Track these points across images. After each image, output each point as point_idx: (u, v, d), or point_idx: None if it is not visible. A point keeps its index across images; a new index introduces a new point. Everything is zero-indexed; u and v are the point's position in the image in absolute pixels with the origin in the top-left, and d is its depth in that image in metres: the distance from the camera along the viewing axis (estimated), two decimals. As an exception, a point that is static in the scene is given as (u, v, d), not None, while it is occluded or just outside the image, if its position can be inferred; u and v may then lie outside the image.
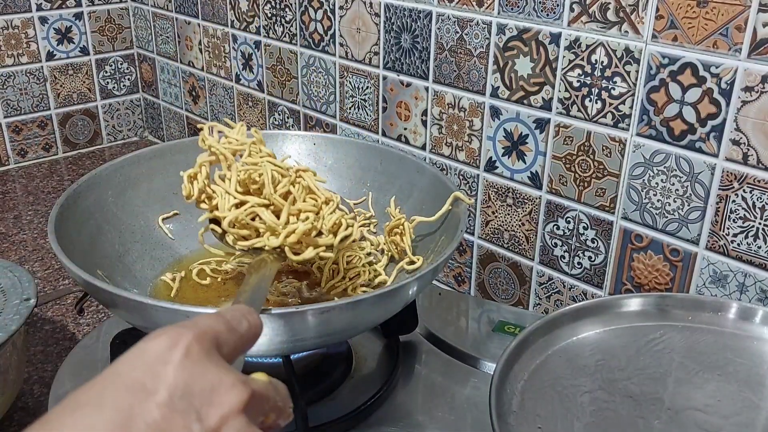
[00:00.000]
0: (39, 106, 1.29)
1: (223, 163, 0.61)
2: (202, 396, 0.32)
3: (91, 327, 0.83)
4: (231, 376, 0.33)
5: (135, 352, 0.33)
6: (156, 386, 0.31)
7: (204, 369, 0.33)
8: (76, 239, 0.66)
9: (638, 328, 0.63)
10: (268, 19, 1.05)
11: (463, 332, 0.80)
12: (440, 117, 0.87)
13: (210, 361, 0.33)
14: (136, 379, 0.31)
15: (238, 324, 0.37)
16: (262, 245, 0.58)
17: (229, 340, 0.36)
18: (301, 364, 0.69)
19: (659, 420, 0.54)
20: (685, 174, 0.67)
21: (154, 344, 0.33)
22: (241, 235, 0.59)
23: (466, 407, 0.68)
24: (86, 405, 0.31)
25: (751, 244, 0.65)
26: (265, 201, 0.59)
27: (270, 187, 0.59)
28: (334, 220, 0.61)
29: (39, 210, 1.13)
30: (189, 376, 0.32)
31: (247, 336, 0.38)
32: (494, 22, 0.77)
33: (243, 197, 0.59)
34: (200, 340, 0.34)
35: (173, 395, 0.31)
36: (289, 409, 0.38)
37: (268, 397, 0.36)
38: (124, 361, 0.33)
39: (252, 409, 0.34)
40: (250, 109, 1.16)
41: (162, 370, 0.32)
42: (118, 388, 0.31)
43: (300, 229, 0.58)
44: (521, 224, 0.83)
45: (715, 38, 0.62)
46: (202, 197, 0.61)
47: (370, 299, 0.56)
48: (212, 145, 0.61)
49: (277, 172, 0.60)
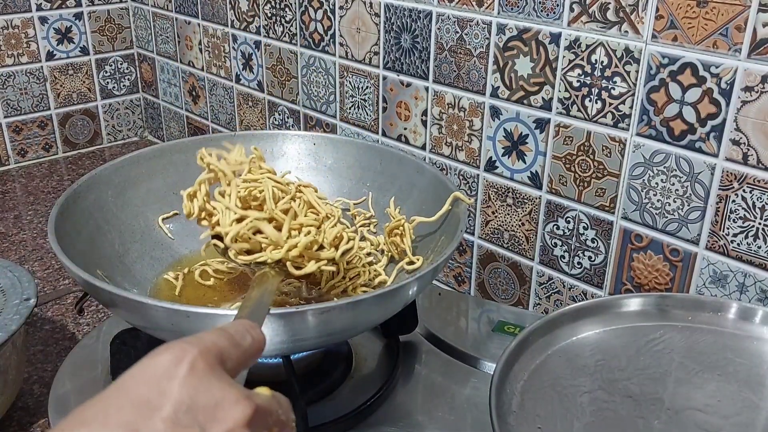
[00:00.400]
0: (39, 106, 1.29)
1: (223, 180, 0.61)
2: (206, 411, 0.32)
3: (91, 327, 0.83)
4: (235, 392, 0.34)
5: (139, 368, 0.33)
6: (161, 402, 0.31)
7: (208, 384, 0.33)
8: (76, 239, 0.66)
9: (638, 328, 0.63)
10: (268, 19, 1.05)
11: (463, 332, 0.80)
12: (440, 117, 0.87)
13: (214, 376, 0.34)
14: (140, 395, 0.32)
15: (242, 339, 0.38)
16: (265, 259, 0.59)
17: (232, 355, 0.36)
18: (301, 364, 0.69)
19: (659, 420, 0.54)
20: (685, 174, 0.67)
21: (159, 360, 0.33)
22: (244, 250, 0.60)
23: (466, 407, 0.68)
24: (92, 421, 0.31)
25: (751, 244, 0.65)
26: (267, 215, 0.59)
27: (271, 203, 0.59)
28: (336, 233, 0.62)
29: (39, 210, 1.13)
30: (194, 392, 0.32)
31: (250, 351, 0.38)
32: (494, 22, 0.77)
33: (244, 212, 0.59)
34: (205, 356, 0.34)
35: (178, 411, 0.31)
36: (291, 423, 0.38)
37: (271, 411, 0.36)
38: (128, 377, 0.33)
39: (256, 424, 0.34)
40: (250, 109, 1.16)
41: (167, 385, 0.32)
42: (122, 404, 0.32)
43: (302, 243, 0.58)
44: (521, 224, 0.83)
45: (715, 38, 0.62)
46: (202, 215, 0.62)
47: (370, 299, 0.56)
48: (211, 163, 0.61)
49: (277, 189, 0.61)
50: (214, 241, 0.62)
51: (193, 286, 0.73)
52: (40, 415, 0.69)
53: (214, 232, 0.61)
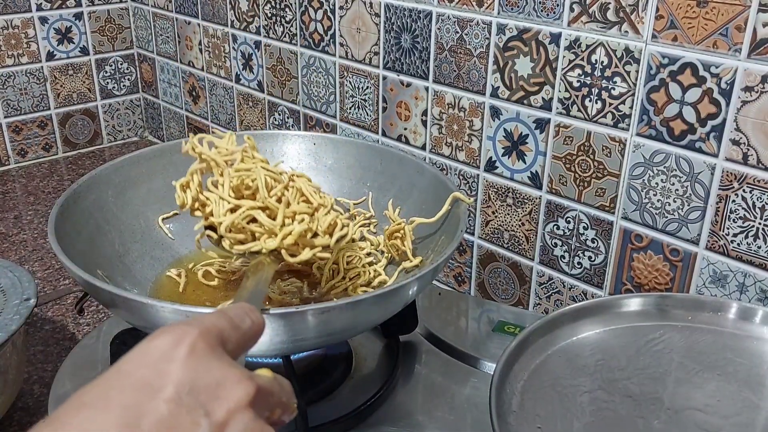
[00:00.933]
0: (39, 106, 1.29)
1: (215, 169, 0.61)
2: (208, 391, 0.32)
3: (91, 327, 0.83)
4: (237, 372, 0.34)
5: (139, 351, 0.33)
6: (162, 383, 0.31)
7: (209, 365, 0.33)
8: (76, 239, 0.66)
9: (638, 328, 0.63)
10: (268, 19, 1.05)
11: (463, 332, 0.80)
12: (440, 117, 0.87)
13: (215, 357, 0.34)
14: (141, 377, 0.32)
15: (241, 321, 0.38)
16: (259, 248, 0.58)
17: (232, 337, 0.36)
18: (301, 364, 0.69)
19: (659, 420, 0.54)
20: (685, 174, 0.67)
21: (159, 342, 0.33)
22: (238, 240, 0.59)
23: (466, 407, 0.68)
24: (92, 404, 0.31)
25: (751, 244, 0.65)
26: (260, 204, 0.59)
27: (264, 191, 0.59)
28: (330, 221, 0.61)
29: (39, 210, 1.13)
30: (195, 373, 0.32)
31: (249, 333, 0.38)
32: (494, 22, 0.77)
33: (237, 202, 0.59)
34: (205, 337, 0.34)
35: (180, 392, 0.31)
36: (293, 404, 0.38)
37: (273, 393, 0.36)
38: (128, 360, 0.33)
39: (258, 404, 0.34)
40: (250, 109, 1.16)
41: (167, 367, 0.32)
42: (123, 387, 0.31)
43: (296, 231, 0.58)
44: (521, 224, 0.83)
45: (715, 38, 0.62)
46: (195, 205, 0.61)
47: (370, 299, 0.56)
48: (202, 152, 0.61)
49: (270, 177, 0.60)
50: (208, 232, 0.62)
51: (196, 284, 0.73)
52: (40, 415, 0.69)
53: (208, 222, 0.61)
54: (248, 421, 0.33)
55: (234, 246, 0.59)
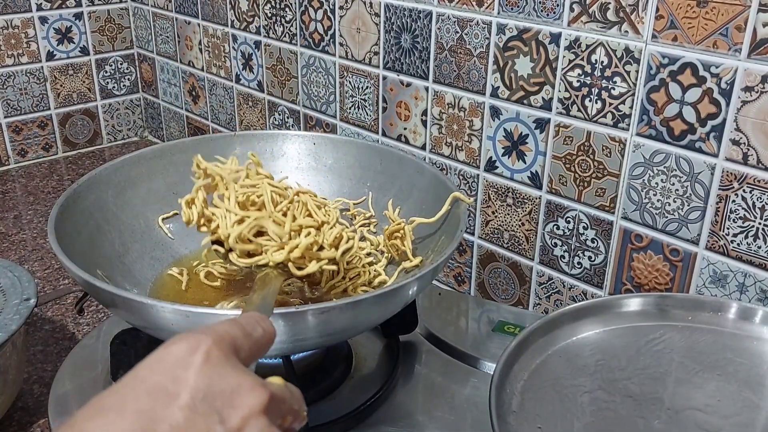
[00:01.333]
0: (39, 106, 1.29)
1: (221, 184, 0.61)
2: (223, 398, 0.33)
3: (91, 327, 0.83)
4: (250, 379, 0.34)
5: (155, 358, 0.34)
6: (178, 390, 0.32)
7: (224, 372, 0.34)
8: (76, 239, 0.66)
9: (638, 328, 0.63)
10: (268, 19, 1.05)
11: (463, 332, 0.80)
12: (440, 117, 0.87)
13: (229, 364, 0.34)
14: (157, 384, 0.32)
15: (253, 329, 0.38)
16: (266, 261, 0.59)
17: (245, 345, 0.37)
18: (301, 364, 0.69)
19: (659, 420, 0.54)
20: (685, 174, 0.67)
21: (174, 349, 0.34)
22: (246, 251, 0.60)
23: (466, 407, 0.68)
24: (109, 410, 0.31)
25: (751, 244, 0.65)
26: (267, 215, 0.60)
27: (270, 206, 0.59)
28: (335, 234, 0.62)
29: (39, 210, 1.13)
30: (210, 380, 0.33)
31: (261, 341, 0.39)
32: (494, 22, 0.77)
33: (244, 213, 0.60)
34: (219, 345, 0.34)
35: (195, 398, 0.32)
36: (303, 412, 0.39)
37: (284, 400, 0.37)
38: (144, 367, 0.33)
39: (271, 411, 0.34)
40: (250, 109, 1.16)
41: (183, 374, 0.32)
42: (139, 393, 0.32)
43: (303, 243, 0.59)
44: (521, 224, 0.83)
45: (715, 38, 0.62)
46: (201, 221, 0.62)
47: (370, 299, 0.56)
48: (207, 167, 0.62)
49: (275, 193, 0.61)
50: (215, 246, 0.62)
51: (198, 284, 0.73)
52: (40, 415, 0.69)
53: (215, 237, 0.61)
54: (263, 427, 0.33)
55: (241, 259, 0.60)
